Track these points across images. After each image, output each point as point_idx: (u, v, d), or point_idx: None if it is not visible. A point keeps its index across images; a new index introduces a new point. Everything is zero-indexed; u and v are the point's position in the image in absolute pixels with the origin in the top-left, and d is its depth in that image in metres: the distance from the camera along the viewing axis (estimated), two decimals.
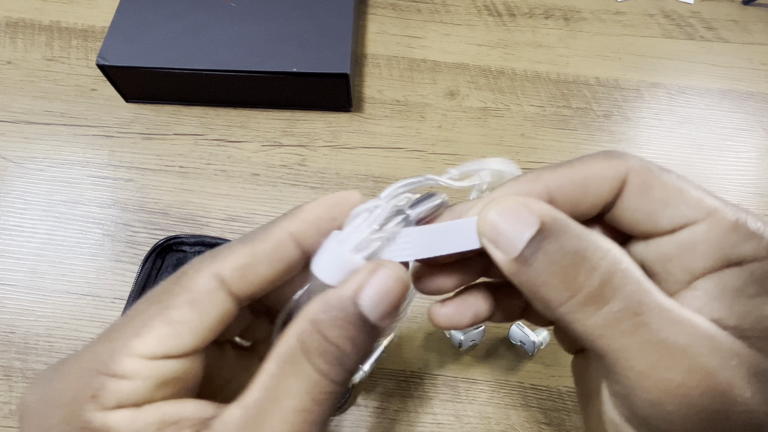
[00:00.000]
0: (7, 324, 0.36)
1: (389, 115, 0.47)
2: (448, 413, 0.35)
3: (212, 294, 0.15)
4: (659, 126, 0.48)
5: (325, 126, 0.46)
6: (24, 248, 0.39)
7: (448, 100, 0.48)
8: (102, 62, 0.42)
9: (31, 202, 0.41)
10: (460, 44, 0.52)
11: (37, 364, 0.35)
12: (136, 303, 0.16)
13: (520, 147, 0.46)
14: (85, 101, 0.46)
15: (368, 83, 0.49)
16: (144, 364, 0.14)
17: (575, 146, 0.46)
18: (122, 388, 0.14)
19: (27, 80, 0.47)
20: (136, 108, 0.46)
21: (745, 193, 0.45)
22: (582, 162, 0.18)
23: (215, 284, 0.15)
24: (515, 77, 0.50)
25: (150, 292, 0.16)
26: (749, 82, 0.51)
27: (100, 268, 0.39)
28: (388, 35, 0.52)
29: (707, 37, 0.54)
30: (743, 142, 0.47)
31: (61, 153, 0.44)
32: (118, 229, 0.40)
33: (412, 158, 0.45)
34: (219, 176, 0.43)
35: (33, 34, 0.50)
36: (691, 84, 0.50)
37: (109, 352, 0.14)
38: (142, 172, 0.43)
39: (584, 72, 0.51)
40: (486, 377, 0.36)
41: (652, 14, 0.55)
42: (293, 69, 0.42)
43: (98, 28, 0.50)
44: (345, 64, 0.43)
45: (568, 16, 0.54)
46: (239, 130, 0.45)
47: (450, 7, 0.54)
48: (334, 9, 0.46)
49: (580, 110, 0.48)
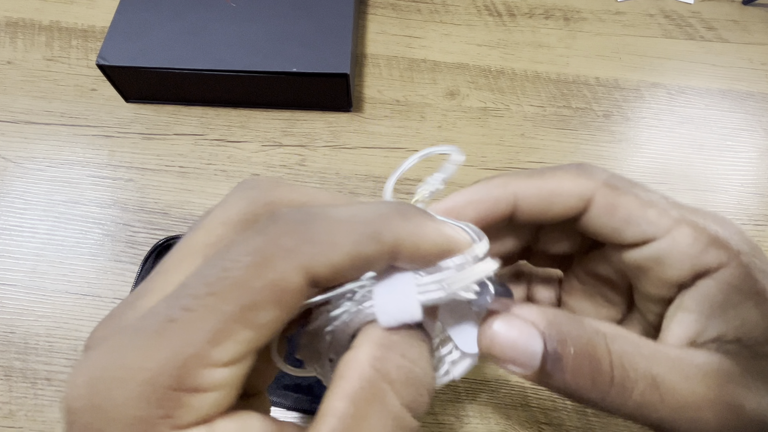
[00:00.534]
0: (7, 324, 0.36)
1: (389, 115, 0.47)
2: (448, 413, 0.35)
3: (301, 293, 0.13)
4: (659, 126, 0.48)
5: (325, 126, 0.46)
6: (24, 248, 0.39)
7: (448, 100, 0.48)
8: (102, 62, 0.42)
9: (31, 202, 0.41)
10: (460, 44, 0.52)
11: (37, 364, 0.35)
12: (185, 289, 0.13)
13: (520, 147, 0.46)
14: (85, 101, 0.46)
15: (368, 83, 0.49)
16: (224, 372, 0.12)
17: (575, 146, 0.46)
18: (202, 403, 0.12)
19: (27, 80, 0.47)
20: (136, 108, 0.46)
21: (745, 193, 0.45)
22: (553, 175, 0.19)
23: (305, 282, 0.13)
24: (515, 77, 0.50)
25: (208, 274, 0.12)
26: (749, 82, 0.51)
27: (100, 268, 0.39)
28: (388, 35, 0.52)
29: (707, 37, 0.54)
30: (743, 142, 0.47)
31: (61, 153, 0.44)
32: (118, 229, 0.40)
33: None
34: (219, 176, 0.43)
35: (33, 34, 0.50)
36: (691, 84, 0.50)
37: (179, 363, 0.12)
38: (142, 172, 0.43)
39: (584, 72, 0.51)
40: (486, 377, 0.36)
41: (652, 14, 0.55)
42: (293, 69, 0.42)
43: (98, 28, 0.50)
44: (345, 64, 0.43)
45: (568, 16, 0.54)
46: (239, 130, 0.45)
47: (450, 7, 0.54)
48: (334, 9, 0.46)
49: (580, 110, 0.48)
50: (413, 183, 0.43)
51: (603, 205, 0.18)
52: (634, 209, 0.18)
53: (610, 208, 0.18)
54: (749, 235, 0.18)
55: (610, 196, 0.18)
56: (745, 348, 0.16)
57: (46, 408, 0.34)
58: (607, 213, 0.18)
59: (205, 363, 0.12)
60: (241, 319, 0.12)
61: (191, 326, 0.12)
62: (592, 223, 0.19)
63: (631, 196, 0.18)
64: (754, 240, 0.45)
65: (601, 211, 0.18)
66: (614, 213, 0.18)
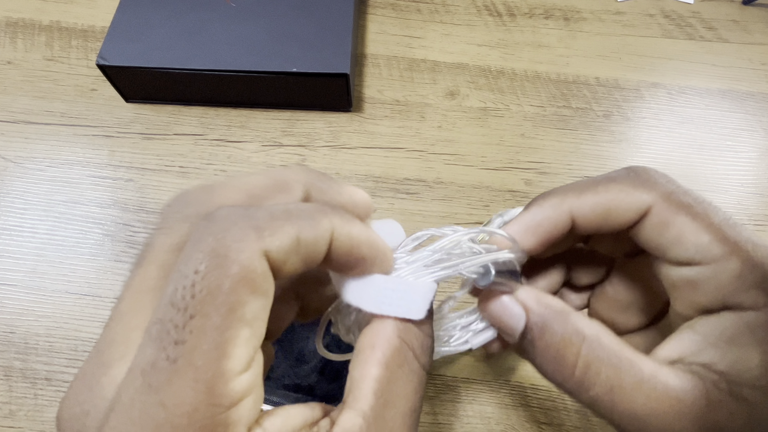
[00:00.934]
0: (7, 324, 0.36)
1: (389, 115, 0.47)
2: (448, 413, 0.35)
3: (270, 275, 0.13)
4: (659, 126, 0.48)
5: (325, 126, 0.46)
6: (24, 248, 0.39)
7: (448, 100, 0.48)
8: (102, 62, 0.42)
9: (31, 202, 0.41)
10: (460, 44, 0.52)
11: (37, 364, 0.35)
12: (160, 311, 0.12)
13: (520, 147, 0.46)
14: (85, 101, 0.46)
15: (368, 83, 0.49)
16: (246, 376, 0.13)
17: (575, 146, 0.46)
18: (243, 411, 0.13)
19: (27, 80, 0.47)
20: (136, 108, 0.46)
21: (745, 193, 0.45)
22: (607, 188, 0.19)
23: (266, 266, 0.13)
24: (515, 77, 0.50)
25: (177, 300, 0.12)
26: (749, 82, 0.51)
27: (100, 268, 0.39)
28: (388, 35, 0.52)
29: (707, 37, 0.54)
30: (743, 142, 0.47)
31: (61, 153, 0.44)
32: (118, 229, 0.40)
33: (412, 158, 0.45)
34: (219, 176, 0.43)
35: (33, 34, 0.50)
36: (691, 84, 0.50)
37: (205, 391, 0.12)
38: (142, 172, 0.43)
39: (584, 72, 0.51)
40: (486, 377, 0.36)
41: (652, 14, 0.55)
42: (293, 69, 0.42)
43: (98, 28, 0.50)
44: (345, 64, 0.43)
45: (568, 16, 0.54)
46: (239, 130, 0.45)
47: (450, 7, 0.54)
48: (334, 9, 0.46)
49: (580, 110, 0.48)
50: (413, 183, 0.43)
51: (657, 221, 0.18)
52: (687, 231, 0.17)
53: (663, 225, 0.18)
54: None
55: (666, 213, 0.18)
56: (728, 383, 0.16)
57: (46, 408, 0.34)
58: (659, 229, 0.18)
59: (226, 378, 0.12)
60: (231, 324, 0.12)
61: (194, 355, 0.12)
62: (643, 235, 0.19)
63: (688, 215, 0.18)
64: None
65: (653, 226, 0.18)
66: (666, 231, 0.18)
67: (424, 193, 0.43)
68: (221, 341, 0.12)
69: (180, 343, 0.12)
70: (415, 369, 0.15)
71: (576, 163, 0.45)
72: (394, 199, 0.43)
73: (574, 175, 0.44)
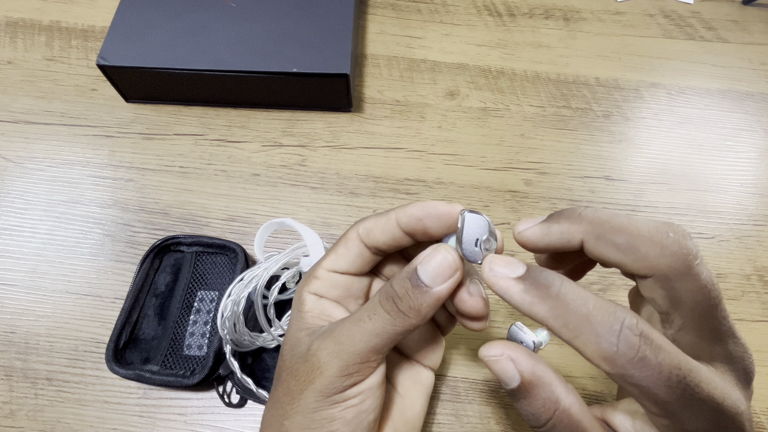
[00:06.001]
0: (8, 324, 0.36)
1: (389, 115, 0.47)
2: (448, 413, 0.35)
3: (355, 240, 0.25)
4: (659, 126, 0.48)
5: (325, 126, 0.46)
6: (24, 248, 0.39)
7: (448, 100, 0.48)
8: (102, 62, 0.42)
9: (31, 202, 0.41)
10: (460, 44, 0.52)
11: (37, 364, 0.35)
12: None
13: (520, 147, 0.46)
14: (85, 101, 0.46)
15: (368, 83, 0.49)
16: (325, 273, 0.26)
17: (575, 146, 0.46)
18: (317, 283, 0.25)
19: (27, 80, 0.47)
20: (136, 108, 0.46)
21: (745, 193, 0.45)
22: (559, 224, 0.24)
23: (356, 236, 0.25)
24: (515, 77, 0.50)
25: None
26: (749, 82, 0.51)
27: (101, 268, 0.39)
28: (388, 35, 0.52)
29: (707, 37, 0.54)
30: (743, 142, 0.47)
31: (61, 153, 0.44)
32: (118, 229, 0.40)
33: (412, 158, 0.45)
34: (219, 176, 0.43)
35: (33, 34, 0.50)
36: (690, 84, 0.50)
37: (316, 266, 0.26)
38: (142, 172, 0.43)
39: (584, 72, 0.51)
40: (486, 377, 0.36)
41: (652, 14, 0.55)
42: (293, 69, 0.42)
43: (98, 28, 0.50)
44: (345, 64, 0.43)
45: (568, 16, 0.54)
46: (239, 130, 0.45)
47: (450, 7, 0.54)
48: (334, 9, 0.46)
49: (580, 110, 0.48)
50: (413, 183, 0.43)
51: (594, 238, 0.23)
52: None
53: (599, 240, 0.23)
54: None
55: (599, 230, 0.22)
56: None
57: (46, 408, 0.34)
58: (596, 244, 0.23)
59: (319, 266, 0.26)
60: (331, 252, 0.26)
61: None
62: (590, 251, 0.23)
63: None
64: (753, 240, 0.45)
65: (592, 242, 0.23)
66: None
67: (424, 193, 0.43)
68: (326, 255, 0.27)
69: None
70: (381, 306, 0.23)
71: (576, 164, 0.45)
72: (394, 199, 0.43)
73: (574, 176, 0.44)
